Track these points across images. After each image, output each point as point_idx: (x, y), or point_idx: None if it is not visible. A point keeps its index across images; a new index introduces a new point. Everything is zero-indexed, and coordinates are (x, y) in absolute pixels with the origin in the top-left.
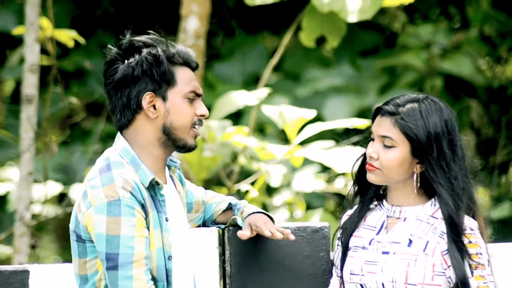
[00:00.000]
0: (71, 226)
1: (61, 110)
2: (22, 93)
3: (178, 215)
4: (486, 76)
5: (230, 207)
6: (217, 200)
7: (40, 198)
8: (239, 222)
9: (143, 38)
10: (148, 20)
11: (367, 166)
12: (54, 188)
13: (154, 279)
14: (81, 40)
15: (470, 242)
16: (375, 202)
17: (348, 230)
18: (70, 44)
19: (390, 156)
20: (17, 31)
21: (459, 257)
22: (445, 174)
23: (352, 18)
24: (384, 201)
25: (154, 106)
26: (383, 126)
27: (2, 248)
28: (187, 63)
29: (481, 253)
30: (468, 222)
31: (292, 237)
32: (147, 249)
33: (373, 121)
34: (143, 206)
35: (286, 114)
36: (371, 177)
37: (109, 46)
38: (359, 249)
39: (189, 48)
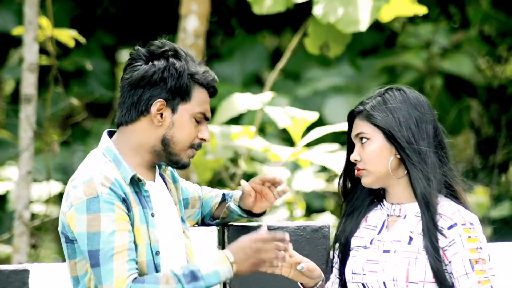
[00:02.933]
0: (59, 227)
1: (62, 110)
2: (21, 92)
3: (168, 212)
4: (486, 76)
5: (224, 199)
6: (213, 194)
7: (40, 198)
8: (233, 206)
9: (175, 46)
10: (148, 20)
11: (356, 172)
12: (54, 187)
13: (144, 274)
14: (82, 39)
15: (469, 237)
16: (376, 203)
17: (349, 232)
18: (70, 43)
19: (368, 150)
20: (16, 31)
21: (431, 226)
22: (416, 153)
23: (350, 29)
24: (384, 201)
25: (161, 115)
26: (356, 126)
27: (2, 247)
28: (207, 86)
29: (481, 248)
30: (468, 217)
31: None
32: (131, 242)
33: (349, 130)
34: (124, 201)
35: (290, 115)
36: (364, 181)
37: (137, 46)
38: (361, 248)
39: (214, 74)
